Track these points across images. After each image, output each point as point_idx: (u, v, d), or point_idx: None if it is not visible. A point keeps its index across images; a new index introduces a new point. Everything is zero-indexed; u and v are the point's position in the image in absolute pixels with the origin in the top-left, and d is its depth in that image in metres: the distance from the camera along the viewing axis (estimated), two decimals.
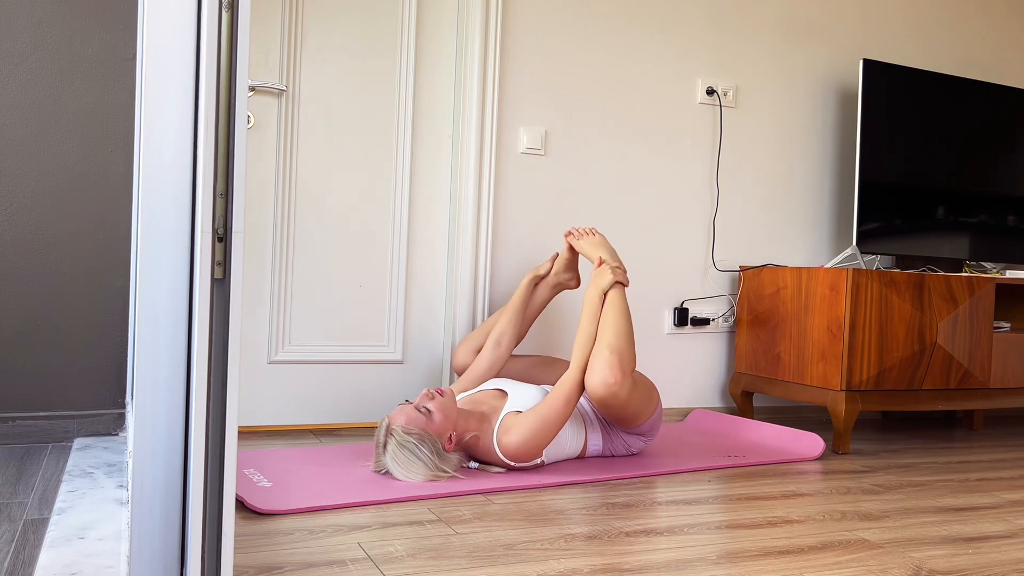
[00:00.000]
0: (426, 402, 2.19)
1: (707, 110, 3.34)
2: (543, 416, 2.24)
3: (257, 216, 2.73)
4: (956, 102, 3.47)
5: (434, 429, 2.16)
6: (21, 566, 1.42)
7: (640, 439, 2.53)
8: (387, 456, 2.15)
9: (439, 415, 2.17)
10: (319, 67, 2.77)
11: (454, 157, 2.96)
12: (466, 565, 1.60)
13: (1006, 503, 2.26)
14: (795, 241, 3.53)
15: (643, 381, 2.46)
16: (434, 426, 2.16)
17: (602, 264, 2.49)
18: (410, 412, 2.17)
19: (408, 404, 2.20)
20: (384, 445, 2.16)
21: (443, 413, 2.18)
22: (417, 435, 2.13)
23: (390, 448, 2.14)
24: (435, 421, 2.16)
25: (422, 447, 2.13)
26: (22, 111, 2.30)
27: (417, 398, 2.23)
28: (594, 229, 2.70)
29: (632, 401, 2.35)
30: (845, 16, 3.59)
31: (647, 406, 2.44)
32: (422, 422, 2.15)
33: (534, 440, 2.23)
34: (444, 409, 2.19)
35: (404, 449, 2.13)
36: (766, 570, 1.65)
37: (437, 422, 2.17)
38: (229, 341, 1.20)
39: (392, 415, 2.19)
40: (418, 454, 2.12)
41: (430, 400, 2.20)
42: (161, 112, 1.24)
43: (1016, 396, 3.22)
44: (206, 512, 1.20)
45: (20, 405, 2.32)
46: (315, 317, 2.80)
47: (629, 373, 2.31)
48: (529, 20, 3.02)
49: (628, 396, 2.31)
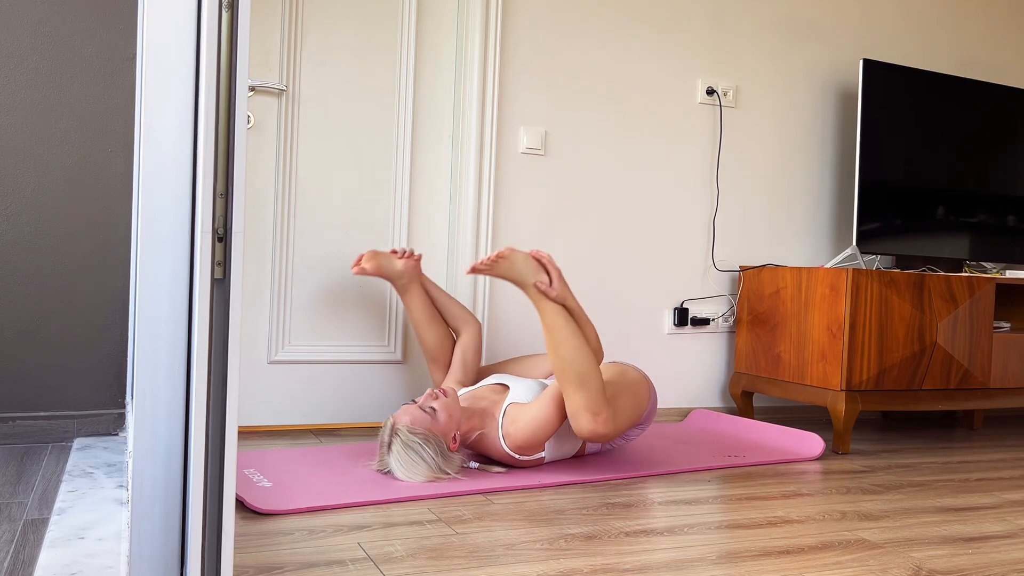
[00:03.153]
0: (431, 402, 2.19)
1: (707, 110, 3.34)
2: (545, 406, 2.23)
3: (257, 216, 2.73)
4: (956, 102, 3.47)
5: (439, 429, 2.16)
6: (21, 566, 1.42)
7: (637, 429, 2.50)
8: (391, 456, 2.15)
9: (444, 415, 2.17)
10: (319, 67, 2.77)
11: (454, 157, 2.96)
12: (466, 565, 1.60)
13: (1006, 503, 2.26)
14: (795, 241, 3.53)
15: (627, 388, 2.34)
16: (439, 426, 2.16)
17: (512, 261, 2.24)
18: (415, 412, 2.16)
19: (413, 404, 2.20)
20: (389, 445, 2.16)
21: (447, 413, 2.18)
22: (422, 435, 2.13)
23: (395, 448, 2.14)
24: (440, 421, 2.16)
25: (427, 448, 2.13)
26: (22, 111, 2.30)
27: (421, 398, 2.22)
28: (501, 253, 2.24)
29: (623, 421, 2.28)
30: (845, 16, 3.59)
31: (639, 409, 2.37)
32: (427, 422, 2.15)
33: (540, 428, 2.22)
34: (448, 409, 2.19)
35: (409, 449, 2.12)
36: (766, 570, 1.65)
37: (442, 422, 2.17)
38: (229, 341, 1.20)
39: (397, 415, 2.19)
40: (422, 455, 2.12)
41: (435, 400, 2.19)
42: (161, 112, 1.24)
43: (1016, 396, 3.22)
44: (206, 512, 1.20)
45: (20, 405, 2.32)
46: (315, 317, 2.80)
47: (606, 402, 2.18)
48: (529, 20, 3.02)
49: (617, 423, 2.23)
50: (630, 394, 2.34)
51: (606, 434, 2.19)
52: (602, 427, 2.17)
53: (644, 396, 2.40)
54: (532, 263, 2.26)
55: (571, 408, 2.17)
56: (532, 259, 2.26)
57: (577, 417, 2.16)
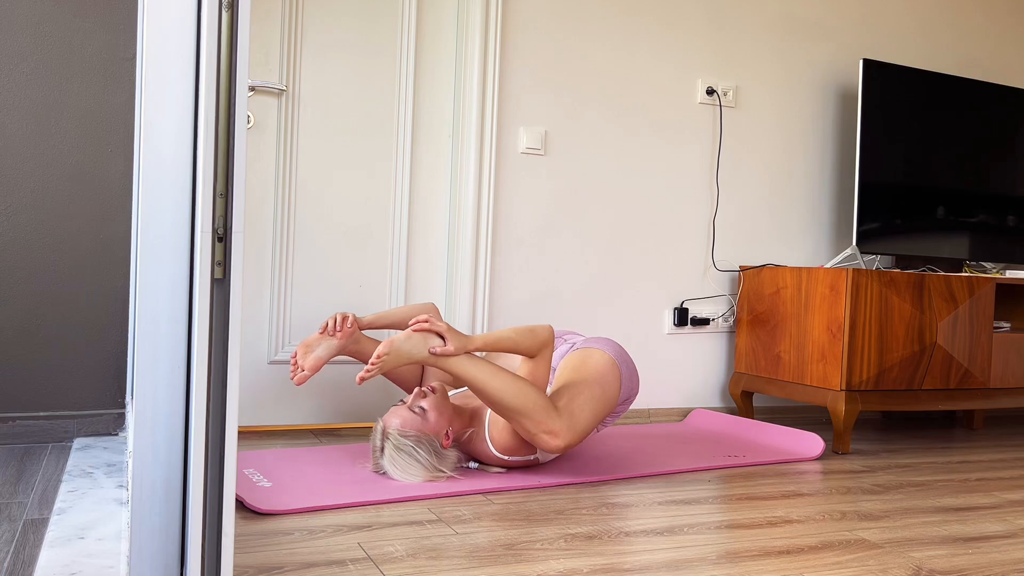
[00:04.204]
0: (419, 401, 2.17)
1: (707, 110, 3.34)
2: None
3: (257, 216, 2.73)
4: (956, 102, 3.47)
5: (430, 429, 2.15)
6: (21, 566, 1.42)
7: (623, 406, 2.44)
8: (384, 459, 2.14)
9: (434, 413, 2.16)
10: (319, 67, 2.77)
11: (454, 157, 2.96)
12: (466, 565, 1.60)
13: (1006, 503, 2.26)
14: (795, 241, 3.53)
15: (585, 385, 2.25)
16: (430, 425, 2.15)
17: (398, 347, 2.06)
18: (404, 414, 2.15)
19: (402, 405, 2.18)
20: (381, 449, 2.15)
21: (437, 411, 2.17)
22: (414, 437, 2.12)
23: (387, 451, 2.13)
24: (430, 420, 2.15)
25: (419, 449, 2.12)
26: (22, 111, 2.30)
27: (410, 398, 2.20)
28: (379, 352, 2.03)
29: (584, 422, 2.20)
30: (845, 16, 3.59)
31: (607, 398, 2.28)
32: (418, 423, 2.14)
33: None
34: (438, 407, 2.17)
35: (401, 452, 2.11)
36: (766, 570, 1.65)
37: (432, 421, 2.15)
38: (229, 341, 1.20)
39: (386, 417, 2.17)
40: (416, 456, 2.11)
41: (423, 399, 2.18)
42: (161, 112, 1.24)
43: (1016, 396, 3.22)
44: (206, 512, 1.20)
45: (20, 405, 2.32)
46: (315, 317, 2.80)
47: (557, 416, 2.12)
48: (529, 20, 3.02)
49: (576, 429, 2.17)
50: (590, 389, 2.25)
51: (569, 444, 2.15)
52: (561, 441, 2.13)
53: (612, 381, 2.30)
54: (416, 336, 2.08)
55: (525, 436, 2.14)
56: (413, 334, 2.08)
57: (535, 441, 2.13)
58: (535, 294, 3.07)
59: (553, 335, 2.24)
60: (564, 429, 2.13)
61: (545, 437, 2.12)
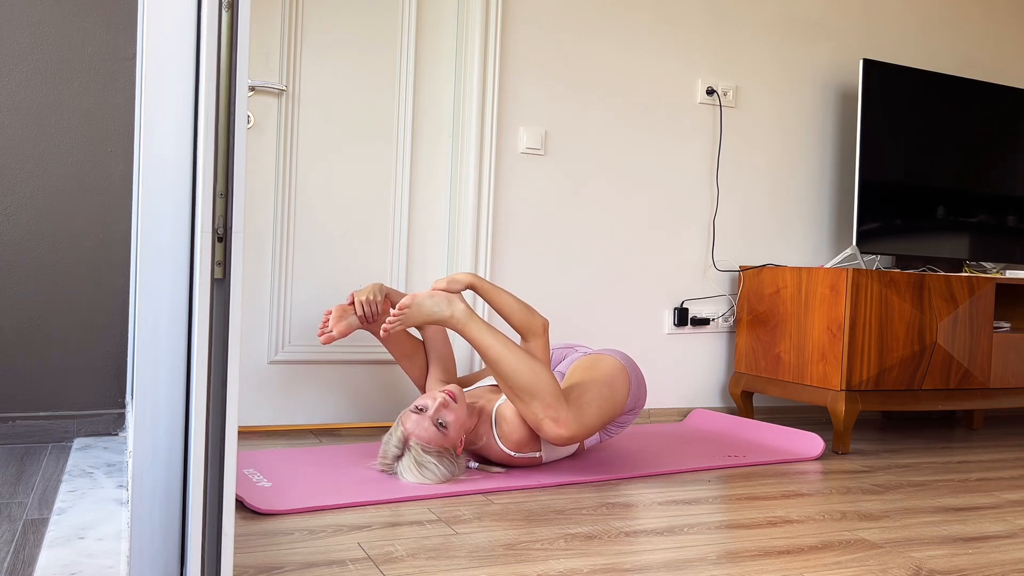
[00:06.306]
0: (444, 415, 2.14)
1: (707, 110, 3.34)
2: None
3: (257, 216, 2.73)
4: (956, 102, 3.47)
5: (450, 442, 2.16)
6: (21, 566, 1.42)
7: (629, 415, 2.48)
8: (401, 466, 2.15)
9: (455, 427, 2.15)
10: (319, 67, 2.77)
11: (454, 157, 2.96)
12: (466, 565, 1.60)
13: (1006, 503, 2.26)
14: (795, 241, 3.53)
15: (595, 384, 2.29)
16: (450, 439, 2.16)
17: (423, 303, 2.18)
18: (429, 429, 2.12)
19: (421, 414, 2.14)
20: (398, 457, 2.15)
21: (459, 424, 2.17)
22: (436, 453, 2.13)
23: (406, 462, 2.13)
24: (451, 435, 2.15)
25: (441, 464, 2.13)
26: (22, 111, 2.30)
27: (433, 407, 2.14)
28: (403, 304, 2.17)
29: (592, 419, 2.24)
30: (845, 16, 3.59)
31: (615, 400, 2.31)
32: (440, 439, 2.14)
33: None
34: (460, 419, 2.17)
35: (422, 467, 2.12)
36: (766, 570, 1.65)
37: (452, 435, 2.16)
38: (229, 341, 1.20)
39: (409, 427, 2.14)
40: (435, 470, 2.13)
41: (446, 410, 2.15)
42: (161, 112, 1.24)
43: (1016, 396, 3.22)
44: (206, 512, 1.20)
45: (20, 405, 2.32)
46: (315, 317, 2.80)
47: (564, 405, 2.16)
48: (529, 20, 3.02)
49: (584, 422, 2.20)
50: (599, 389, 2.28)
51: (574, 435, 2.17)
52: (566, 430, 2.15)
53: (620, 386, 2.34)
54: (439, 295, 2.19)
55: (530, 420, 2.16)
56: (436, 292, 2.20)
57: (539, 427, 2.15)
58: (535, 294, 3.07)
59: (548, 329, 2.28)
60: (570, 419, 2.16)
61: (550, 423, 2.14)
